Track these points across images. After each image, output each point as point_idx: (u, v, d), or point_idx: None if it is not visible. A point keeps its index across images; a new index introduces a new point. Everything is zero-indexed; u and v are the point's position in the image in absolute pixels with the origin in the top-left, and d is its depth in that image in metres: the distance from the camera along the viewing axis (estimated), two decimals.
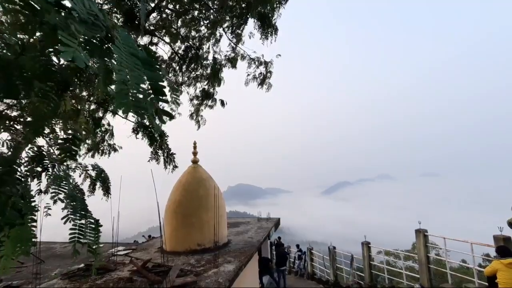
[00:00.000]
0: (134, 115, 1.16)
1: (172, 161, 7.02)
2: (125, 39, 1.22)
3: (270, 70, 10.48)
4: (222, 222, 10.15)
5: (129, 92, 1.10)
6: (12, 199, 1.72)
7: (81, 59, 1.02)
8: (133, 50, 1.21)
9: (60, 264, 9.43)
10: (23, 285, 7.56)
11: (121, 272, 8.06)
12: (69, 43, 1.00)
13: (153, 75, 1.25)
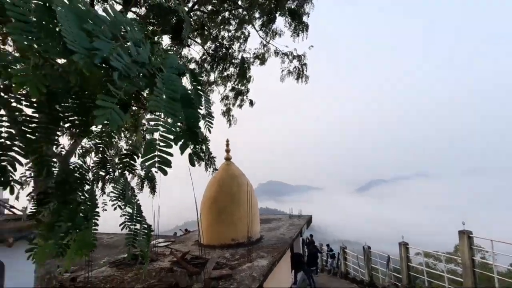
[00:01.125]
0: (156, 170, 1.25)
1: (212, 164, 7.33)
2: (168, 79, 1.34)
3: (304, 62, 10.42)
4: (255, 218, 10.36)
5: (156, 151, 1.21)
6: (80, 206, 1.97)
7: (114, 121, 1.12)
8: (173, 94, 1.30)
9: (108, 253, 10.32)
10: (77, 271, 8.39)
11: (162, 262, 8.62)
12: (106, 104, 1.12)
13: (191, 114, 1.35)
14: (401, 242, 12.57)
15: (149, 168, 1.20)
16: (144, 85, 1.34)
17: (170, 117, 1.24)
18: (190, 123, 1.34)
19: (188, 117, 1.34)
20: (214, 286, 6.63)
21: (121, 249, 10.99)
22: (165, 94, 1.27)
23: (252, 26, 10.08)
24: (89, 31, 1.15)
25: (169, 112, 1.23)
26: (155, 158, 1.23)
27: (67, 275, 7.98)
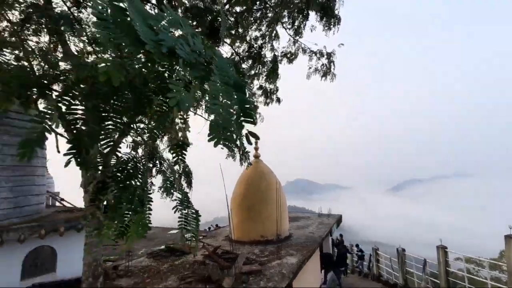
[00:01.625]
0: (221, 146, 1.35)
1: (247, 159, 7.52)
2: (221, 67, 1.45)
3: (332, 60, 10.23)
4: (283, 215, 10.40)
5: (220, 130, 1.31)
6: (137, 191, 2.19)
7: (184, 103, 1.27)
8: (227, 79, 1.42)
9: (145, 245, 10.96)
10: (118, 260, 9.02)
11: (195, 256, 9.00)
12: (176, 88, 1.27)
13: (243, 99, 1.43)
14: (439, 246, 11.90)
15: (215, 145, 1.31)
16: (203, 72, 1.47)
17: (227, 100, 1.34)
18: (242, 106, 1.43)
19: (241, 101, 1.43)
20: (245, 280, 6.80)
21: (157, 241, 11.61)
22: (220, 80, 1.38)
23: (281, 24, 10.06)
24: (152, 26, 1.31)
25: (226, 96, 1.34)
26: (220, 136, 1.33)
27: (110, 263, 8.62)
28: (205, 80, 1.41)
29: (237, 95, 1.45)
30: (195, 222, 2.55)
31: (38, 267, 7.16)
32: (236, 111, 1.41)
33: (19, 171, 7.15)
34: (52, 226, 7.06)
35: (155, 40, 1.25)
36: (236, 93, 1.44)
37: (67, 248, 7.69)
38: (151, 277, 7.49)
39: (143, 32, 1.21)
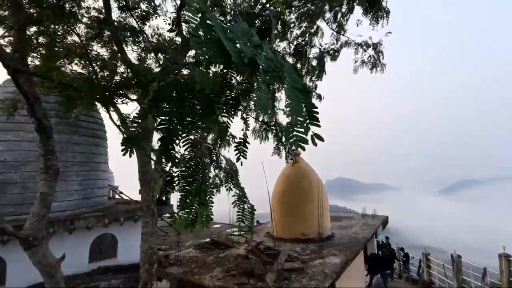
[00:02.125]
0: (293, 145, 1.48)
1: (293, 156, 7.64)
2: (289, 74, 1.57)
3: (380, 50, 9.76)
4: (325, 214, 10.25)
5: (294, 131, 1.45)
6: (201, 186, 2.44)
7: (266, 108, 1.46)
8: (295, 84, 1.54)
9: (192, 237, 11.66)
10: (168, 250, 9.73)
11: (238, 250, 9.33)
12: (261, 92, 1.43)
13: (309, 102, 1.52)
14: (501, 254, 10.71)
15: (291, 145, 1.46)
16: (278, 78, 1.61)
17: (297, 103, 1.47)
18: (309, 110, 1.53)
19: (308, 105, 1.54)
20: (287, 277, 6.89)
21: (202, 234, 12.26)
22: (289, 85, 1.51)
23: (322, 19, 9.86)
24: (231, 38, 1.49)
25: (296, 100, 1.47)
26: (294, 138, 1.47)
27: (161, 252, 9.35)
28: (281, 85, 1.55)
29: (304, 99, 1.55)
30: (250, 216, 2.75)
31: (102, 252, 8.09)
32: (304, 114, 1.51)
33: (86, 167, 8.12)
34: (114, 216, 7.91)
35: (238, 52, 1.43)
36: (303, 97, 1.54)
37: (126, 236, 8.55)
38: (198, 267, 7.96)
39: (229, 46, 1.40)
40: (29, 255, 4.25)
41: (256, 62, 1.45)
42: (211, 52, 1.43)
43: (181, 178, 2.47)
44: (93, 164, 8.34)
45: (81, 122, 8.09)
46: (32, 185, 7.06)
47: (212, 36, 1.43)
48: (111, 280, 7.40)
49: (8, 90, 7.54)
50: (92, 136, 8.58)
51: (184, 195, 2.40)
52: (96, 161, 8.56)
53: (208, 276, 7.27)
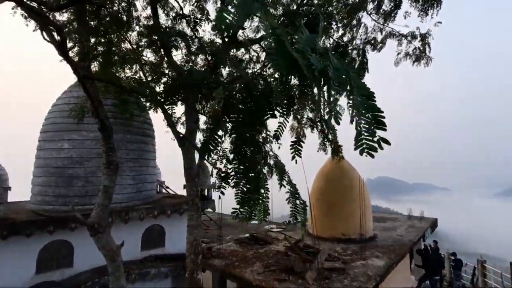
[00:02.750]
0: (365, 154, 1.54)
1: (339, 152, 7.51)
2: (355, 81, 1.63)
3: (428, 42, 9.08)
4: (367, 214, 9.89)
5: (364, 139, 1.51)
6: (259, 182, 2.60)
7: (337, 117, 1.55)
8: (362, 91, 1.58)
9: (231, 232, 12.05)
10: (210, 243, 10.18)
11: (277, 246, 9.45)
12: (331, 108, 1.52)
13: (375, 107, 1.56)
14: None
15: (361, 153, 1.52)
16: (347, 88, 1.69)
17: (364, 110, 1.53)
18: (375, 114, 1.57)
19: (374, 109, 1.58)
20: (328, 277, 6.83)
21: (241, 229, 12.60)
22: (356, 92, 1.58)
23: (364, 11, 9.44)
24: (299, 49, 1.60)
25: (363, 107, 1.52)
26: (363, 146, 1.55)
27: (204, 245, 9.83)
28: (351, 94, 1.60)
29: (370, 104, 1.59)
30: (303, 211, 2.85)
31: (152, 242, 8.76)
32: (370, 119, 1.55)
33: (138, 163, 8.85)
34: (162, 209, 8.53)
35: (309, 65, 1.54)
36: (369, 103, 1.58)
37: (172, 228, 9.15)
38: (239, 261, 8.24)
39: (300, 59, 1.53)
40: (95, 240, 4.81)
41: (327, 73, 1.52)
42: (285, 67, 1.54)
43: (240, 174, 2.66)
44: (143, 161, 9.07)
45: (133, 122, 8.81)
46: (94, 179, 7.91)
47: (285, 51, 1.54)
48: (161, 268, 8.01)
49: (73, 95, 8.52)
50: (143, 135, 9.30)
51: (243, 191, 2.59)
52: (146, 158, 9.28)
53: (249, 270, 7.50)
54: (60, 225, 6.63)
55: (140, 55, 7.64)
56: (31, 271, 6.49)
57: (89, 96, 4.37)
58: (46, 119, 8.42)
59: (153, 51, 7.84)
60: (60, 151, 7.85)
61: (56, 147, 7.90)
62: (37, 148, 8.24)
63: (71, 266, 7.09)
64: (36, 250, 6.58)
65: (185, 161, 7.21)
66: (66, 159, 7.82)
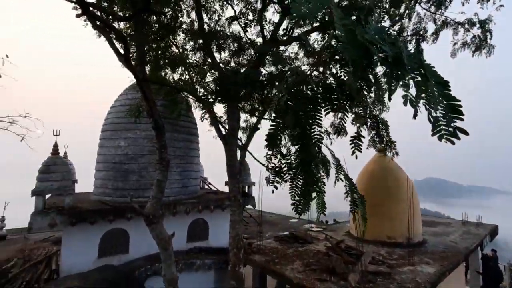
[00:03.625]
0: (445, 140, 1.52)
1: (392, 148, 7.17)
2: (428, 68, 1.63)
3: (488, 29, 8.19)
4: (416, 217, 9.29)
5: (441, 125, 1.50)
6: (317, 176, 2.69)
7: (412, 102, 1.57)
8: (437, 79, 1.58)
9: (270, 229, 12.20)
10: (250, 239, 10.41)
11: (317, 246, 9.34)
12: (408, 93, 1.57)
13: (450, 95, 1.54)
14: None
15: (439, 139, 1.53)
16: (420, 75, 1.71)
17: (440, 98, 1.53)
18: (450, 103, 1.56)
19: (448, 98, 1.56)
20: (372, 280, 6.59)
21: (280, 227, 12.69)
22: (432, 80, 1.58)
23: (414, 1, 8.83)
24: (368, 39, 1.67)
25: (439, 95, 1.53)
26: (441, 132, 1.55)
27: (245, 240, 10.10)
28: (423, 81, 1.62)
29: (446, 93, 1.58)
30: (362, 206, 2.86)
31: (196, 234, 9.26)
32: (446, 107, 1.54)
33: (184, 160, 9.40)
34: (206, 204, 8.96)
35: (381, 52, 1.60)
36: (445, 92, 1.57)
37: (215, 222, 9.57)
38: (279, 258, 8.33)
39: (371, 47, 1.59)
40: (150, 230, 5.27)
41: (399, 60, 1.54)
42: (356, 54, 1.60)
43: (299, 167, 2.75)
44: (189, 158, 9.61)
45: (179, 122, 9.38)
46: (146, 173, 8.62)
47: (355, 40, 1.61)
48: (205, 260, 8.45)
49: (127, 97, 9.34)
50: (188, 133, 9.86)
51: (303, 184, 2.68)
52: (191, 155, 9.83)
53: (289, 268, 7.55)
54: (119, 215, 7.35)
55: (186, 58, 8.11)
56: (94, 254, 7.31)
57: (146, 97, 4.78)
58: (106, 119, 9.34)
59: (199, 53, 8.27)
60: (118, 148, 8.67)
61: (114, 145, 8.74)
62: (98, 146, 9.19)
63: (127, 252, 7.82)
64: (98, 237, 7.38)
65: (228, 158, 7.49)
66: (122, 156, 8.61)
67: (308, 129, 2.46)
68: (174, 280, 5.31)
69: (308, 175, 2.60)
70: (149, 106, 4.97)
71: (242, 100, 6.70)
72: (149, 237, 7.76)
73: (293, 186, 2.68)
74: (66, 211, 6.59)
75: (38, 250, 7.78)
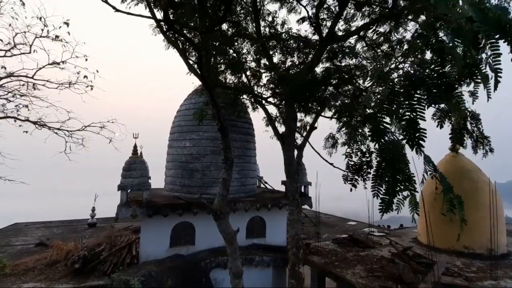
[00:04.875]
0: None
1: (485, 145, 6.32)
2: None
3: None
4: (500, 226, 8.14)
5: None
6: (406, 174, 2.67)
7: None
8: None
9: (327, 230, 11.93)
10: (307, 239, 10.32)
11: (380, 251, 8.85)
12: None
13: None
14: None
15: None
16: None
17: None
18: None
19: None
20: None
21: (337, 229, 12.32)
22: None
23: None
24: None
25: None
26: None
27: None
28: None
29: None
30: (460, 206, 2.74)
31: (254, 232, 9.57)
32: None
33: (242, 159, 9.79)
34: (263, 202, 9.20)
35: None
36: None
37: (272, 221, 9.75)
38: (338, 261, 8.13)
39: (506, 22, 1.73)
40: (217, 225, 5.66)
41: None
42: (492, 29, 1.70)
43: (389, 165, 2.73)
44: (246, 157, 9.99)
45: (237, 122, 9.80)
46: (208, 172, 9.24)
47: (487, 17, 1.75)
48: (263, 257, 8.69)
49: (191, 101, 10.11)
50: (245, 133, 10.24)
51: (392, 184, 2.66)
52: (249, 155, 10.19)
53: (350, 272, 7.32)
54: (186, 209, 8.03)
55: (244, 61, 8.46)
56: (167, 244, 8.12)
57: (214, 101, 5.16)
58: (173, 122, 10.27)
59: (256, 56, 8.52)
60: (184, 149, 9.46)
61: (180, 146, 9.56)
62: (167, 146, 10.16)
63: (193, 244, 8.49)
64: (170, 228, 8.18)
65: (285, 158, 7.59)
66: (188, 155, 9.37)
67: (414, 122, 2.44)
68: (239, 273, 5.62)
69: (399, 173, 2.54)
70: (216, 110, 5.35)
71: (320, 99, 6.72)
72: (212, 231, 8.28)
73: (375, 185, 2.63)
74: (144, 204, 7.47)
75: (121, 237, 8.96)
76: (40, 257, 7.77)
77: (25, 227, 12.72)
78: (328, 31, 7.09)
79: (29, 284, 6.51)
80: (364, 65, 7.20)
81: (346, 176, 4.80)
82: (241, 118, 9.95)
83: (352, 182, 3.01)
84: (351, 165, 3.46)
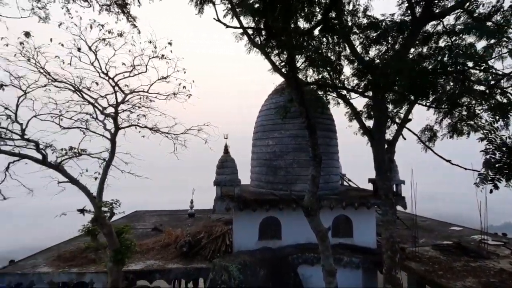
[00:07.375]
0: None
1: None
2: None
3: None
4: None
5: None
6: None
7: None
8: None
9: (425, 235, 10.66)
10: (401, 243, 9.42)
11: (497, 263, 7.46)
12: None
13: None
14: None
15: None
16: None
17: None
18: None
19: None
20: None
21: (437, 234, 10.90)
22: None
23: None
24: None
25: None
26: None
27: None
28: None
29: None
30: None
31: (340, 231, 9.29)
32: None
33: (325, 156, 9.61)
34: (350, 201, 8.85)
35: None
36: None
37: (359, 220, 9.28)
38: (442, 270, 7.22)
39: None
40: (309, 221, 5.76)
41: None
42: None
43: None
44: (329, 154, 9.78)
45: (319, 119, 9.67)
46: (291, 169, 9.44)
47: None
48: (352, 258, 8.36)
49: (272, 101, 10.48)
50: (327, 130, 10.04)
51: None
52: (331, 152, 9.96)
53: (459, 284, 6.43)
54: (273, 205, 8.40)
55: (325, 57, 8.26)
56: (256, 237, 8.67)
57: (302, 99, 5.27)
58: (256, 122, 10.83)
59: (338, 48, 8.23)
60: (267, 147, 9.89)
61: (264, 144, 10.02)
62: (252, 145, 10.79)
63: (280, 238, 8.83)
64: (258, 222, 8.71)
65: (375, 154, 7.10)
66: (271, 153, 9.76)
67: None
68: (332, 271, 5.59)
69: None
70: (305, 108, 5.44)
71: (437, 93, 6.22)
72: (297, 227, 8.43)
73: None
74: (236, 199, 8.15)
75: (215, 227, 9.99)
76: (156, 240, 9.37)
77: (143, 214, 15.58)
78: (423, 7, 6.36)
79: (151, 261, 7.94)
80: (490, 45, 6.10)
81: (485, 176, 4.09)
82: (323, 115, 9.81)
83: (492, 182, 2.60)
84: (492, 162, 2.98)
